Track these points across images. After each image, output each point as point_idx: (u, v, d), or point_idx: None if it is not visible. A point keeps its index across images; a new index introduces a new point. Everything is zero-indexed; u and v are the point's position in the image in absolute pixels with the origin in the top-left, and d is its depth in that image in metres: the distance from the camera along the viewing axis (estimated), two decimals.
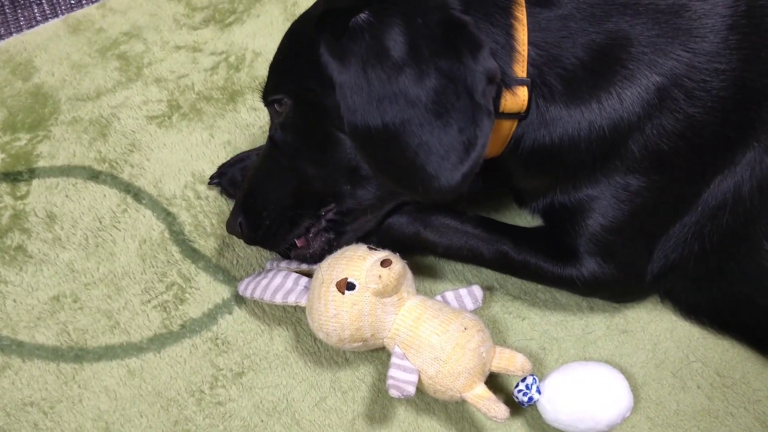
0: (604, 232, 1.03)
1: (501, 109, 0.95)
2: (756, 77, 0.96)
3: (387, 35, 0.88)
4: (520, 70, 0.94)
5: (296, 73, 0.99)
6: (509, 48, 0.93)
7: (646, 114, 0.96)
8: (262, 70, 1.42)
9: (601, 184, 1.01)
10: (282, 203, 1.04)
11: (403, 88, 0.88)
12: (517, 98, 0.94)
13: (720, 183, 1.00)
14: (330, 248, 1.06)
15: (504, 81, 0.93)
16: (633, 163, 0.99)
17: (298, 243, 1.07)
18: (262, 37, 1.48)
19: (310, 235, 1.06)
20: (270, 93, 1.03)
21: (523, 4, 0.94)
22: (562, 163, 1.01)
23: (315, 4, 1.02)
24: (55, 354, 1.08)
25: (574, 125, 0.97)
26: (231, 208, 1.21)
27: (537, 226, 1.14)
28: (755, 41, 0.97)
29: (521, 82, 0.94)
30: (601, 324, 1.13)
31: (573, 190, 1.03)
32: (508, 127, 0.98)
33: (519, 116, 0.97)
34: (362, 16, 0.89)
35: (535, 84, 0.95)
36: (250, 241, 1.07)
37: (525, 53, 0.94)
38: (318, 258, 1.06)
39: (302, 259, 1.08)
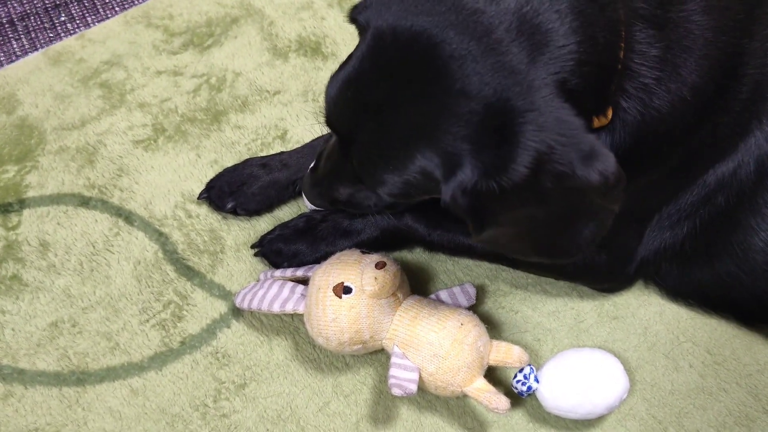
0: None
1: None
2: (765, 78, 0.97)
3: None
4: (614, 90, 0.90)
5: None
6: (610, 72, 0.88)
7: (686, 119, 0.95)
8: (244, 90, 1.44)
9: None
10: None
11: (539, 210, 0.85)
12: (606, 118, 0.91)
13: (720, 167, 1.02)
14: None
15: (601, 108, 0.90)
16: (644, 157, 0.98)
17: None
18: (241, 57, 1.50)
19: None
20: None
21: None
22: None
23: None
24: (57, 379, 1.09)
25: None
26: (221, 225, 1.24)
27: None
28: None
29: (612, 104, 0.91)
30: (592, 312, 1.15)
31: None
32: None
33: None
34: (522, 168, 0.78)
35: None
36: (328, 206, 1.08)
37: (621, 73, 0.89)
38: None
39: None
